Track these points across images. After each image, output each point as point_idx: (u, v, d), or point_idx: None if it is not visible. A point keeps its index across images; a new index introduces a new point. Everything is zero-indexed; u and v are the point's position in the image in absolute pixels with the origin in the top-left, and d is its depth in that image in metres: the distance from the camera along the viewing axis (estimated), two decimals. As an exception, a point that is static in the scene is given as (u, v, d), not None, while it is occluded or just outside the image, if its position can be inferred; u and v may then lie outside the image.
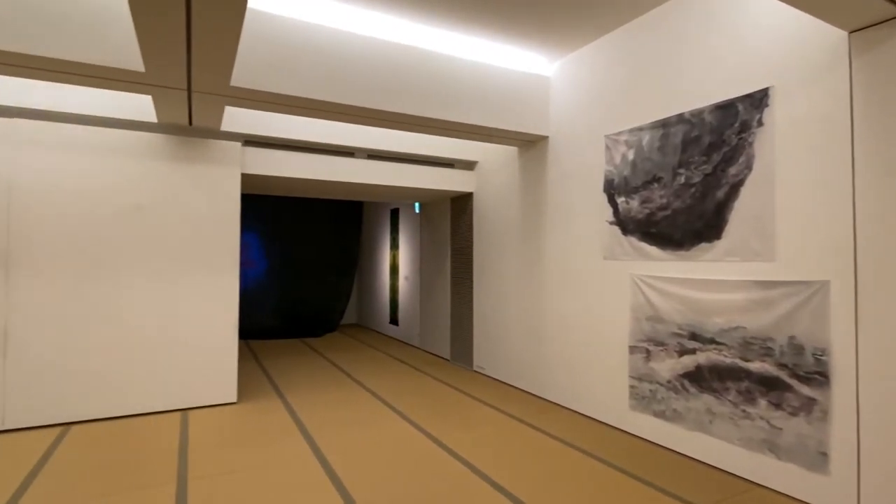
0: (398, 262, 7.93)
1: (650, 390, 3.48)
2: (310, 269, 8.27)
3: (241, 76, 3.28)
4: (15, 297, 3.68)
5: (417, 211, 7.28)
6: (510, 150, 5.14)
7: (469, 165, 5.86)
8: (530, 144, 4.80)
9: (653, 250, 3.48)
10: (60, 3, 2.80)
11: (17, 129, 3.73)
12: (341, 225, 8.71)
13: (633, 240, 3.63)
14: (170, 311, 4.14)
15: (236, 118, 4.43)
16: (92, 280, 3.90)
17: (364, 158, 5.29)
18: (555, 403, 4.36)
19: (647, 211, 3.54)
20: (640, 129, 3.60)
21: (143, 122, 4.10)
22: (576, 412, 4.12)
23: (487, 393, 4.72)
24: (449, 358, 6.26)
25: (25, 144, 3.75)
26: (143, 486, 2.76)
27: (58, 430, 3.67)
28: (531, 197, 4.77)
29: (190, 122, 4.15)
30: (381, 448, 3.32)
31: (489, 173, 5.55)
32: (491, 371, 5.36)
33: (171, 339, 4.13)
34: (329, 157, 5.09)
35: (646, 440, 3.49)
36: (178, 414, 4.03)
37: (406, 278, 7.62)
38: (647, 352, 3.49)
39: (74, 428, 3.71)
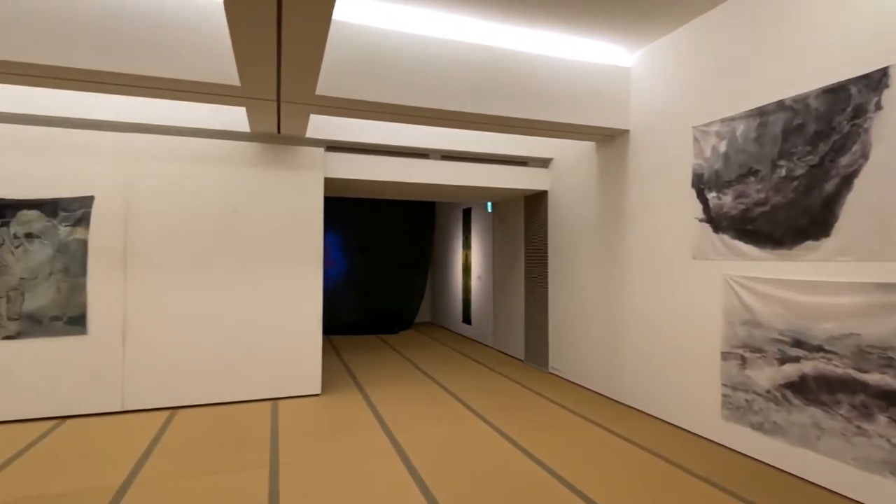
0: (470, 262, 7.97)
1: (746, 400, 3.22)
2: (386, 269, 8.53)
3: (325, 85, 3.44)
4: (132, 292, 4.13)
5: (489, 210, 7.27)
6: (587, 146, 4.99)
7: (543, 163, 5.76)
8: (609, 139, 4.62)
9: (749, 249, 3.22)
10: (169, 29, 3.09)
11: (132, 142, 4.18)
12: (415, 225, 8.91)
13: (726, 238, 3.38)
14: (261, 307, 4.44)
15: (320, 125, 4.66)
16: (194, 278, 4.28)
17: (438, 159, 5.36)
18: (636, 409, 4.17)
19: (741, 207, 3.28)
20: (733, 118, 3.35)
21: (237, 132, 4.43)
22: (659, 419, 3.92)
23: (563, 395, 4.62)
24: (523, 358, 6.19)
25: (139, 156, 4.19)
26: (241, 467, 2.99)
27: (167, 413, 4.06)
28: (611, 194, 4.60)
29: (278, 131, 4.42)
30: (459, 446, 3.36)
31: (565, 170, 5.42)
32: (567, 373, 5.23)
33: (262, 333, 4.44)
34: (405, 160, 5.21)
35: (741, 454, 3.24)
36: (268, 403, 4.32)
37: (479, 277, 7.64)
38: (743, 359, 3.24)
39: (181, 412, 4.09)
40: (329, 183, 5.18)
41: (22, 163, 3.94)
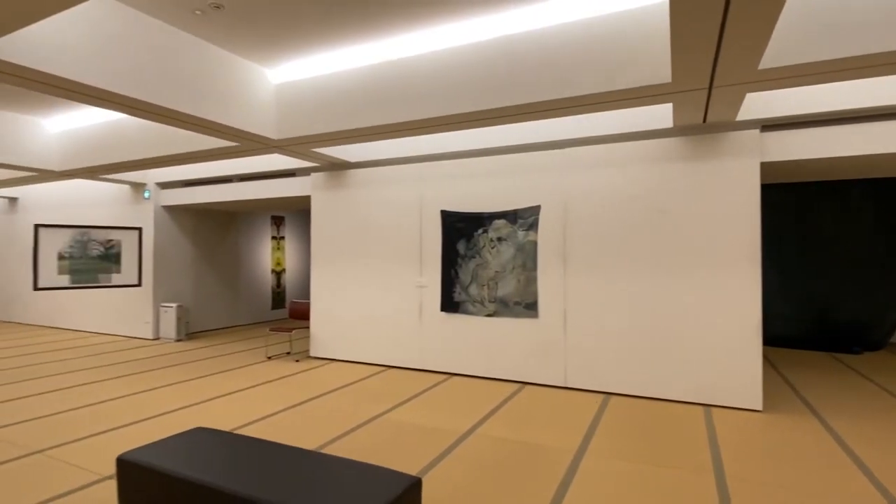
0: None
1: None
2: (840, 269, 6.71)
3: (772, 55, 2.98)
4: (570, 286, 4.77)
5: None
6: None
7: None
8: None
9: None
10: (601, 49, 3.38)
11: (567, 156, 4.83)
12: (886, 211, 6.62)
13: None
14: (688, 305, 4.28)
15: (751, 103, 4.10)
16: (622, 275, 4.55)
17: (941, 114, 3.79)
18: None
19: None
20: None
21: (655, 130, 4.45)
22: None
23: None
24: None
25: (573, 167, 4.79)
26: (679, 466, 2.95)
27: (601, 396, 4.47)
28: None
29: (704, 120, 4.16)
30: None
31: None
32: None
33: (691, 334, 4.27)
34: (880, 124, 3.93)
35: None
36: (699, 408, 4.11)
37: None
38: None
39: (613, 398, 4.41)
40: (766, 168, 4.49)
41: (494, 184, 5.20)
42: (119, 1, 3.38)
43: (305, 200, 7.03)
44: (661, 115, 4.34)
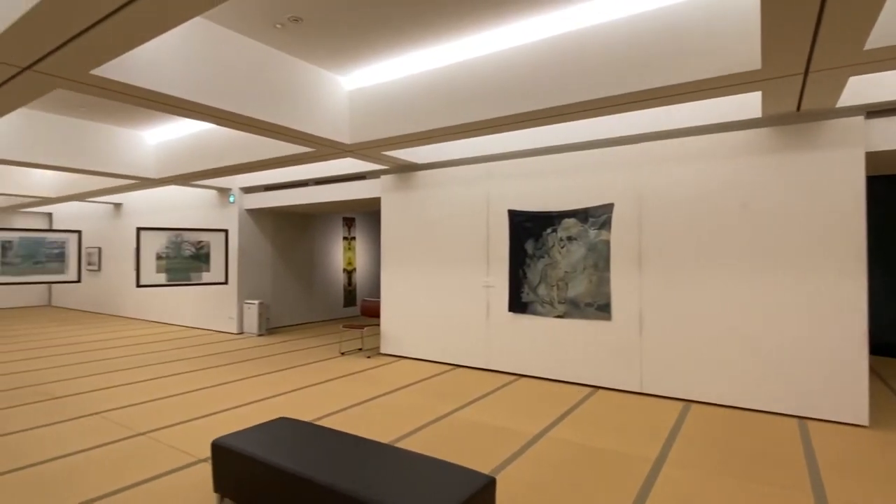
0: None
1: None
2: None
3: (880, 33, 2.69)
4: (646, 287, 4.56)
5: None
6: None
7: None
8: None
9: None
10: (688, 36, 3.20)
11: (641, 151, 4.62)
12: None
13: None
14: (780, 309, 3.96)
15: (854, 86, 3.72)
16: (704, 276, 4.28)
17: None
18: None
19: None
20: None
21: (739, 122, 4.15)
22: None
23: None
24: None
25: (648, 162, 4.58)
26: (775, 483, 2.73)
27: (681, 404, 4.24)
28: None
29: (798, 108, 3.83)
30: None
31: None
32: None
33: (784, 340, 3.94)
34: None
35: None
36: (793, 420, 3.79)
37: None
38: None
39: (694, 406, 4.17)
40: (871, 158, 4.07)
41: (563, 182, 5.08)
42: (208, 20, 3.65)
43: (375, 202, 7.24)
44: (747, 104, 4.05)
